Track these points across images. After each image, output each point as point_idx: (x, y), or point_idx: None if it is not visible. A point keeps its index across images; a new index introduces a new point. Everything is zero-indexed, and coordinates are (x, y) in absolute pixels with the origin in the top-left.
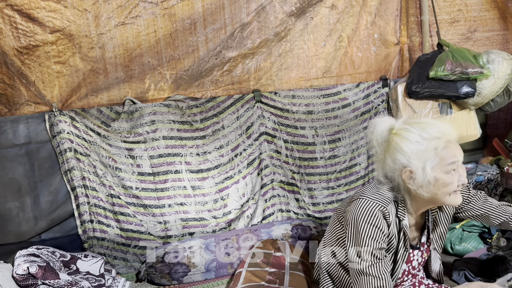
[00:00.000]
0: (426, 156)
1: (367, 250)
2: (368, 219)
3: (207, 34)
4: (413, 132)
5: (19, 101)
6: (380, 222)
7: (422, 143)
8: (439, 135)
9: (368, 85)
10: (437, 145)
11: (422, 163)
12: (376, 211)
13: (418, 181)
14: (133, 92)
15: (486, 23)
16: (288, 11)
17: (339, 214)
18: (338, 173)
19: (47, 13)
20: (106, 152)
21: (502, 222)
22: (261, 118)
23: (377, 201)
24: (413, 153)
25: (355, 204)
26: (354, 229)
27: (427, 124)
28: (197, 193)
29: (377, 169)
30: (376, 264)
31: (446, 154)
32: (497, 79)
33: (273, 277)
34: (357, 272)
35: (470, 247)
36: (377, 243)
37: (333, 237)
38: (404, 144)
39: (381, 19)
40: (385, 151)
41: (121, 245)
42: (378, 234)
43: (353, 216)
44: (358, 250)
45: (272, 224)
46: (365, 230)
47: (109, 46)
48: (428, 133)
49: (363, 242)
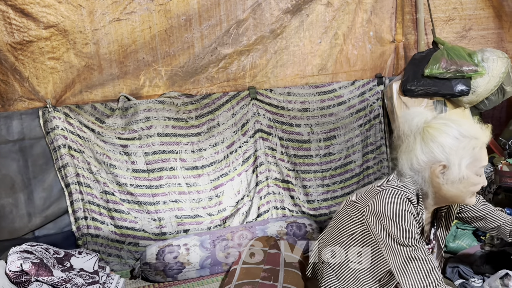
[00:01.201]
0: (464, 153)
1: (407, 236)
2: (401, 205)
3: (203, 31)
4: (452, 127)
5: (12, 97)
6: (411, 207)
7: (462, 140)
8: (477, 136)
9: (364, 83)
10: (476, 145)
11: (458, 160)
12: (404, 198)
13: (449, 176)
14: (128, 89)
15: (481, 21)
16: (284, 8)
17: (353, 209)
18: (333, 171)
19: (41, 8)
20: (100, 149)
21: (496, 226)
22: (257, 115)
23: (403, 190)
24: (452, 149)
25: (382, 195)
26: (386, 219)
27: (465, 123)
28: (192, 190)
29: (401, 160)
30: (419, 248)
31: (481, 156)
32: (492, 77)
33: (267, 274)
34: (404, 261)
35: (464, 244)
36: (414, 228)
37: (344, 235)
38: (443, 137)
39: (376, 17)
40: (417, 143)
41: (115, 242)
42: (411, 218)
43: (383, 207)
44: (398, 239)
45: (267, 221)
46: (399, 217)
47: (104, 42)
48: (467, 131)
49: (400, 229)
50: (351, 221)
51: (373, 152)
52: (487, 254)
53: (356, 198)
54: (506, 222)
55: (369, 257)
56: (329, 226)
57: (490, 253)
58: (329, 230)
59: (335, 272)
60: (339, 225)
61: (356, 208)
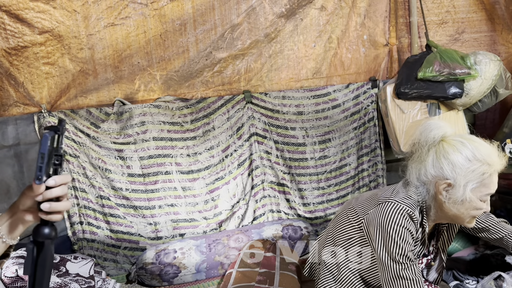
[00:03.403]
0: (472, 177)
1: (400, 253)
2: (399, 221)
3: (197, 35)
4: (468, 148)
5: (7, 102)
6: (410, 224)
7: (474, 163)
8: (490, 162)
9: (358, 86)
10: (486, 171)
11: (465, 182)
12: (405, 214)
13: (452, 195)
14: (123, 93)
15: (474, 24)
16: (278, 12)
17: (353, 214)
18: (328, 174)
19: (36, 14)
20: (95, 154)
21: (499, 238)
22: (252, 119)
23: (405, 205)
24: (462, 169)
25: (384, 207)
26: (383, 232)
27: (482, 145)
28: (188, 194)
29: (411, 169)
30: (411, 267)
31: (489, 183)
32: (484, 80)
33: (263, 277)
34: (392, 276)
35: (459, 246)
36: (409, 245)
37: (342, 237)
38: (456, 156)
39: (370, 20)
40: (429, 155)
41: (111, 246)
42: (409, 236)
43: (382, 219)
44: (391, 253)
45: (263, 224)
46: (396, 233)
47: (99, 47)
48: (481, 155)
49: (395, 245)
50: (349, 225)
51: (367, 154)
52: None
53: (358, 203)
54: (509, 234)
55: (367, 261)
56: (328, 227)
57: (484, 254)
58: (327, 232)
59: (332, 273)
60: (338, 228)
61: (356, 214)
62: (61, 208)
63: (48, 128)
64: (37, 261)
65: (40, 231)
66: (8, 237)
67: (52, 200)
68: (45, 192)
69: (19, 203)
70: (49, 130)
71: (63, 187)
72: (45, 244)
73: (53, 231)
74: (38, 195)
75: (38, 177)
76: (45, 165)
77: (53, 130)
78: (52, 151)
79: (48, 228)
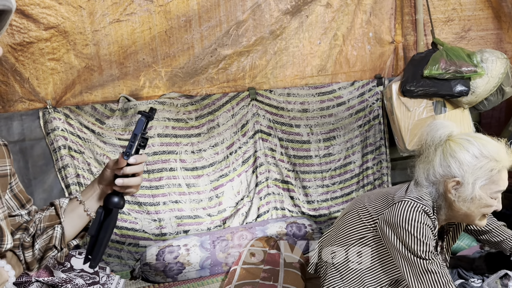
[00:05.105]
0: (481, 174)
1: (423, 249)
2: (418, 218)
3: (202, 32)
4: (474, 145)
5: (13, 98)
6: (428, 220)
7: (481, 160)
8: (498, 158)
9: (363, 84)
10: (494, 167)
11: (473, 179)
12: (422, 211)
13: (461, 193)
14: (128, 90)
15: (480, 22)
16: (284, 9)
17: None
18: (333, 171)
19: (42, 9)
20: (100, 150)
21: (499, 241)
22: (256, 116)
23: (421, 203)
24: (469, 167)
25: (400, 207)
26: (403, 231)
27: (488, 142)
28: (192, 190)
29: (419, 169)
30: (435, 261)
31: (498, 179)
32: (491, 78)
33: (267, 274)
34: (419, 272)
35: (463, 244)
36: (431, 241)
37: (353, 237)
38: (462, 154)
39: (376, 17)
40: (436, 155)
41: (115, 242)
42: (429, 232)
43: (400, 219)
44: (414, 251)
45: (267, 222)
46: (417, 230)
47: (104, 43)
48: (488, 152)
49: (418, 242)
50: (362, 225)
51: (372, 152)
52: (486, 255)
53: (370, 202)
54: (509, 237)
55: (378, 262)
56: (335, 226)
57: (489, 253)
58: (336, 230)
59: (340, 272)
60: (348, 227)
61: (369, 214)
62: (133, 183)
63: (142, 113)
64: (102, 224)
65: (110, 199)
66: (93, 212)
67: (128, 176)
68: (125, 168)
69: (101, 179)
70: (142, 115)
71: (140, 165)
72: (112, 211)
73: (121, 201)
74: (120, 168)
75: (127, 153)
76: (136, 144)
77: (145, 115)
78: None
79: (118, 198)
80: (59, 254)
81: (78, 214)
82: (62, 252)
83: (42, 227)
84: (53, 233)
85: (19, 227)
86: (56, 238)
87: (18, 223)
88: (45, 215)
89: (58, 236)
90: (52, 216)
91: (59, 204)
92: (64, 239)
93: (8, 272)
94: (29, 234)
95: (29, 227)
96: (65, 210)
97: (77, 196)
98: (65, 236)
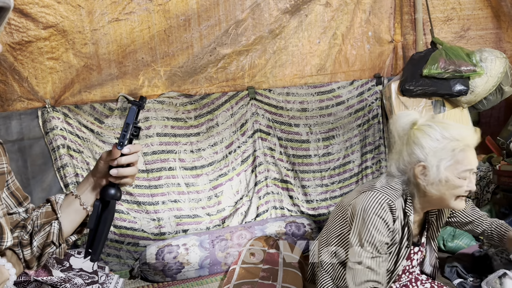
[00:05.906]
0: (443, 155)
1: (370, 241)
2: (376, 210)
3: (202, 31)
4: (435, 130)
5: (11, 97)
6: (387, 215)
7: (441, 141)
8: (459, 138)
9: (362, 83)
10: (456, 146)
11: (437, 161)
12: (384, 204)
13: (429, 177)
14: (127, 89)
15: (480, 21)
16: (283, 8)
17: (342, 210)
18: (332, 171)
19: (40, 8)
20: (99, 149)
21: (482, 231)
22: (256, 115)
23: (386, 194)
24: (431, 150)
25: (365, 196)
26: (360, 219)
27: (450, 125)
28: (191, 190)
29: (391, 161)
30: (376, 258)
31: (462, 159)
32: (490, 77)
33: (266, 274)
34: (356, 261)
35: (462, 244)
36: (382, 236)
37: (333, 235)
38: (424, 139)
39: (375, 17)
40: (403, 144)
41: (114, 242)
42: (383, 227)
43: (361, 207)
44: (361, 240)
45: (266, 221)
46: (371, 221)
47: (103, 42)
48: (449, 133)
49: (368, 232)
50: (339, 222)
51: (371, 152)
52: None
53: (346, 199)
54: (490, 226)
55: None
56: (325, 228)
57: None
58: (323, 233)
59: (329, 273)
60: (330, 227)
61: (344, 208)
62: (128, 173)
63: (132, 102)
64: (100, 217)
65: (107, 191)
66: (89, 206)
67: (123, 166)
68: (119, 158)
69: (95, 171)
70: (133, 104)
71: (135, 155)
72: (110, 203)
73: (118, 192)
74: (114, 159)
75: (120, 143)
76: (129, 134)
77: (137, 104)
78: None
79: (114, 190)
80: (58, 250)
81: (74, 209)
82: (61, 248)
83: (39, 224)
84: (50, 229)
85: (16, 225)
86: (54, 234)
87: (15, 221)
88: (41, 212)
89: (56, 231)
90: (48, 212)
91: (55, 200)
92: (62, 234)
93: (9, 270)
94: (27, 232)
95: (26, 225)
96: (62, 205)
97: (73, 191)
98: (62, 232)
